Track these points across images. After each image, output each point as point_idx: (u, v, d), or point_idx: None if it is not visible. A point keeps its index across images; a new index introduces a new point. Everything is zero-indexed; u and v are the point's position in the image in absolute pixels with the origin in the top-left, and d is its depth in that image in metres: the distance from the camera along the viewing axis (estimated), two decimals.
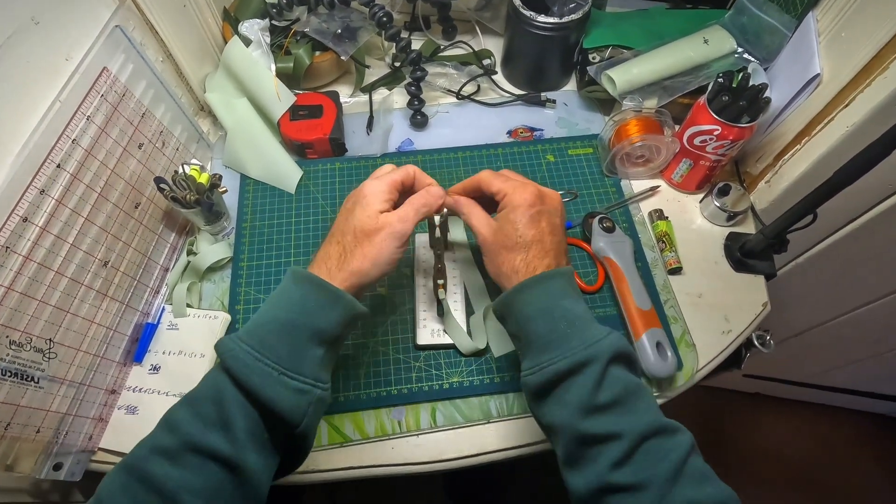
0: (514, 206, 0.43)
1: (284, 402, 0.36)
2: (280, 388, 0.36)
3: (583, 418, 0.35)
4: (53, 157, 0.45)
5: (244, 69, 0.66)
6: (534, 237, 0.42)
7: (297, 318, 0.38)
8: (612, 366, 0.37)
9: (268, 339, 0.37)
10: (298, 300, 0.39)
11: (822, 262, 0.71)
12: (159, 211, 0.59)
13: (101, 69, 0.50)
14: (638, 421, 0.35)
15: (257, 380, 0.35)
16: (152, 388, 0.54)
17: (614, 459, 0.34)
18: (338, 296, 0.39)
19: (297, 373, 0.37)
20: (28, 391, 0.43)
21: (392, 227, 0.41)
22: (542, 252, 0.42)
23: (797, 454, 1.31)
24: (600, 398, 0.35)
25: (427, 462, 0.52)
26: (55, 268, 0.45)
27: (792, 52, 0.61)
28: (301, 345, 0.38)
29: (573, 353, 0.37)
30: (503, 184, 0.44)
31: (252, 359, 0.36)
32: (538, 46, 0.71)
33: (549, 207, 0.44)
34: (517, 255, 0.42)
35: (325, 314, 0.39)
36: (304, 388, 0.37)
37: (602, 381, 0.36)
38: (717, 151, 0.60)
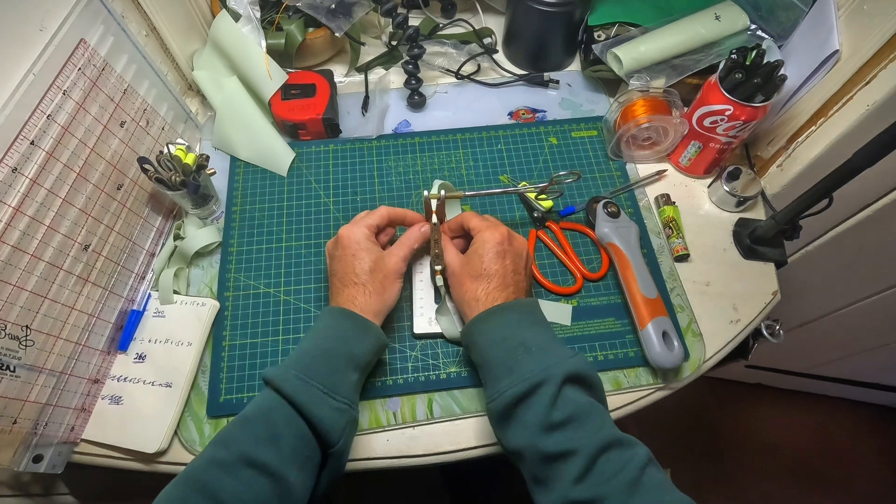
0: (484, 241, 0.48)
1: (327, 420, 0.40)
2: (324, 406, 0.40)
3: (542, 436, 0.38)
4: (27, 133, 0.42)
5: (233, 46, 0.63)
6: (496, 271, 0.46)
7: (336, 345, 0.44)
8: (566, 386, 0.39)
9: (312, 364, 0.42)
10: (336, 331, 0.45)
11: (834, 249, 0.69)
12: (144, 193, 0.57)
13: (78, 41, 0.47)
14: (593, 436, 0.37)
15: (305, 398, 0.40)
16: (137, 378, 0.52)
17: (574, 475, 0.36)
18: (369, 326, 0.46)
19: (338, 394, 0.42)
20: (3, 380, 0.41)
21: (398, 266, 0.49)
22: (503, 285, 0.46)
23: (798, 445, 1.30)
24: (555, 416, 0.38)
25: (423, 455, 0.50)
26: (31, 251, 0.43)
27: (808, 28, 0.58)
28: (340, 369, 0.43)
29: (530, 376, 0.40)
30: (479, 222, 0.50)
31: (300, 381, 0.41)
32: (541, 24, 0.68)
33: (516, 249, 0.49)
34: (479, 284, 0.46)
35: (359, 342, 0.45)
36: (343, 407, 0.41)
37: (556, 400, 0.38)
38: (727, 133, 0.57)
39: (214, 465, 0.37)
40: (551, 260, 0.59)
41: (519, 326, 0.44)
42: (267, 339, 0.54)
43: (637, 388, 0.53)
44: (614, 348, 0.54)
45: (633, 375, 0.53)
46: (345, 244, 0.49)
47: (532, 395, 0.39)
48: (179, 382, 0.51)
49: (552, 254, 0.59)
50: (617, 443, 0.37)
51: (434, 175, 0.65)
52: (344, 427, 0.41)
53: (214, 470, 0.37)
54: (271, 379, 0.41)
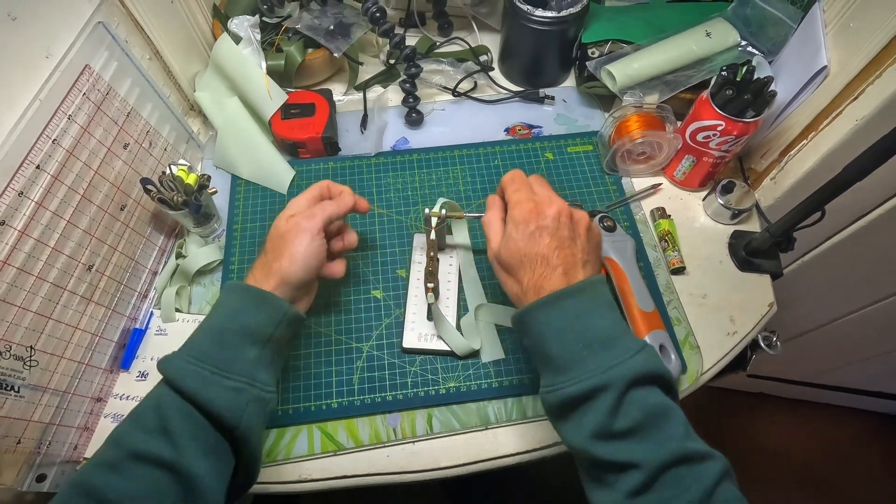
0: (514, 222, 0.41)
1: (220, 401, 0.37)
2: (214, 387, 0.37)
3: (597, 444, 0.34)
4: (32, 157, 0.43)
5: (234, 67, 0.64)
6: (537, 254, 0.40)
7: (225, 321, 0.41)
8: (632, 390, 0.35)
9: (201, 346, 0.40)
10: (227, 307, 0.42)
11: (829, 261, 0.70)
12: (147, 213, 0.58)
13: (83, 67, 0.48)
14: (658, 450, 0.33)
15: (192, 382, 0.37)
16: (140, 396, 0.52)
17: (632, 488, 0.32)
18: (263, 296, 0.42)
19: (231, 372, 0.39)
20: (8, 401, 0.42)
21: (299, 224, 0.45)
22: (549, 269, 0.40)
23: (801, 454, 1.29)
24: (616, 425, 0.34)
25: (423, 470, 0.50)
26: (36, 273, 0.44)
27: (798, 45, 0.59)
28: (232, 345, 0.40)
29: (586, 378, 0.35)
30: (512, 193, 0.43)
31: (186, 363, 0.38)
32: (536, 42, 0.69)
33: (551, 222, 0.40)
34: (522, 272, 0.40)
35: (252, 314, 0.41)
36: (238, 386, 0.38)
37: (619, 407, 0.34)
38: (720, 147, 0.58)
39: (102, 466, 0.35)
40: None
41: (578, 317, 0.38)
42: None
43: None
44: None
45: None
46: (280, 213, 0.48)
47: (591, 399, 0.35)
48: None
49: None
50: (687, 458, 0.33)
51: (432, 191, 0.66)
52: (244, 407, 0.38)
53: (101, 471, 0.34)
54: (160, 366, 0.39)
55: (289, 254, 0.44)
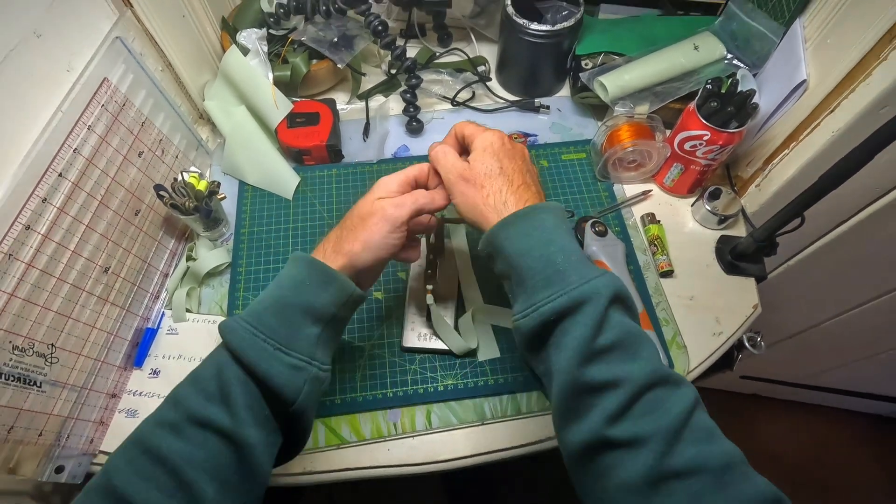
0: (487, 143, 0.42)
1: (280, 377, 0.36)
2: (276, 363, 0.36)
3: (581, 365, 0.33)
4: (55, 166, 0.46)
5: (242, 78, 0.67)
6: (513, 168, 0.41)
7: (290, 295, 0.39)
8: (612, 306, 0.34)
9: (264, 316, 0.38)
10: (293, 279, 0.40)
11: (812, 265, 0.72)
12: (159, 218, 0.61)
13: (101, 80, 0.51)
14: (640, 369, 0.32)
15: (254, 354, 0.36)
16: (152, 392, 0.55)
17: (611, 411, 0.31)
18: (330, 275, 0.40)
19: (292, 349, 0.37)
20: (31, 395, 0.44)
21: (384, 210, 0.42)
22: (525, 183, 0.40)
23: (795, 455, 1.31)
24: (600, 340, 0.33)
25: (423, 463, 0.53)
26: (57, 274, 0.46)
27: (780, 59, 0.62)
28: (296, 322, 0.38)
29: (572, 289, 0.34)
30: (474, 129, 0.44)
31: (249, 334, 0.37)
32: (532, 53, 0.72)
33: (518, 150, 0.43)
34: (498, 181, 0.40)
35: (317, 292, 0.39)
36: (299, 364, 0.37)
37: (603, 321, 0.33)
38: (707, 156, 0.61)
39: (161, 426, 0.35)
40: None
41: (556, 231, 0.37)
42: None
43: None
44: None
45: None
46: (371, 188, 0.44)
47: (575, 312, 0.34)
48: None
49: None
50: (664, 380, 0.32)
51: None
52: (301, 385, 0.37)
53: (162, 431, 0.35)
54: (222, 331, 0.38)
55: (364, 239, 0.41)
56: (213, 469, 0.34)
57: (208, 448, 0.34)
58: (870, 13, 0.48)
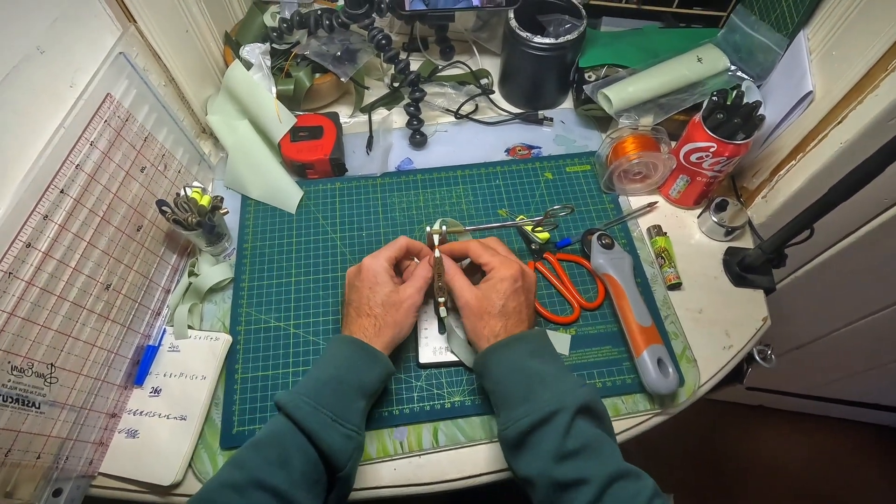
0: (502, 279, 0.49)
1: (336, 446, 0.42)
2: (333, 433, 0.42)
3: (555, 465, 0.39)
4: (57, 182, 0.45)
5: (245, 92, 0.67)
6: (514, 308, 0.49)
7: (345, 374, 0.46)
8: (578, 417, 0.41)
9: (322, 392, 0.44)
10: (346, 360, 0.47)
11: (820, 276, 0.72)
12: (161, 233, 0.60)
13: (104, 95, 0.51)
14: (603, 466, 0.39)
15: (316, 425, 0.42)
16: (153, 411, 0.54)
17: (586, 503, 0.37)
18: (378, 357, 0.48)
19: (347, 421, 0.44)
20: (29, 417, 0.43)
21: (413, 299, 0.51)
22: (520, 321, 0.49)
23: (801, 466, 1.30)
24: (568, 445, 0.40)
25: (430, 483, 0.51)
26: (57, 292, 0.45)
27: (784, 70, 0.62)
28: (349, 397, 0.45)
29: (545, 405, 0.42)
30: (491, 257, 0.51)
31: (311, 408, 0.43)
32: (535, 66, 0.72)
33: (528, 284, 0.51)
34: (499, 321, 0.48)
35: (368, 371, 0.47)
36: (351, 434, 0.43)
37: (569, 429, 0.40)
38: (713, 168, 0.60)
39: (228, 486, 0.39)
40: (549, 290, 0.62)
41: (532, 357, 0.46)
42: (278, 372, 0.56)
43: (635, 414, 0.54)
44: (612, 375, 0.56)
45: (631, 401, 0.55)
46: (365, 275, 0.51)
47: (547, 423, 0.41)
48: (194, 415, 0.53)
49: (550, 284, 0.62)
50: (626, 474, 0.39)
51: (436, 210, 0.68)
52: (351, 453, 0.43)
53: (227, 492, 0.39)
54: (284, 405, 0.43)
55: (401, 324, 0.50)
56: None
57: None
58: (876, 25, 0.49)
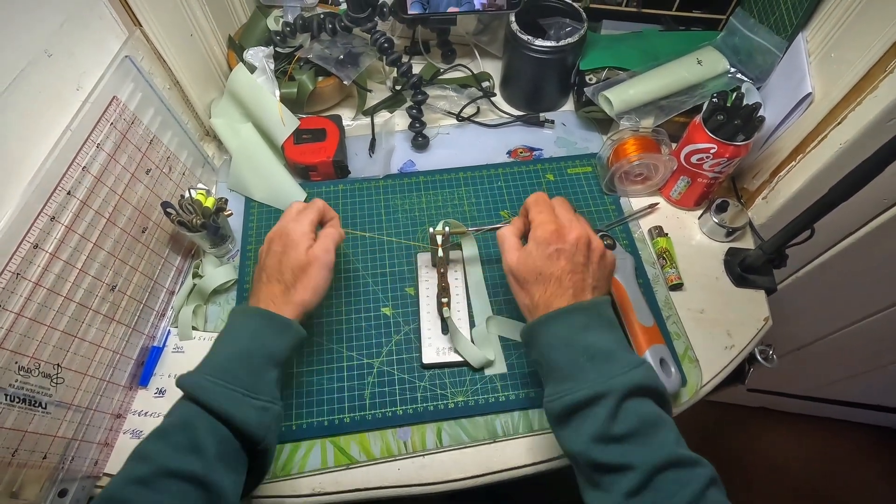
0: (536, 241, 0.45)
1: (251, 420, 0.41)
2: (247, 409, 0.41)
3: (596, 447, 0.37)
4: (64, 184, 0.46)
5: (249, 95, 0.67)
6: (552, 274, 0.43)
7: (252, 346, 0.44)
8: (629, 400, 0.38)
9: (230, 369, 0.43)
10: (252, 331, 0.45)
11: (821, 276, 0.72)
12: (165, 235, 0.60)
13: (111, 98, 0.51)
14: (652, 454, 0.36)
15: (227, 404, 0.40)
16: (158, 412, 0.54)
17: (628, 489, 0.35)
18: (287, 324, 0.46)
19: (259, 393, 0.42)
20: (35, 417, 0.43)
21: (321, 259, 0.48)
22: (560, 289, 0.43)
23: (802, 467, 1.30)
24: (614, 430, 0.37)
25: (433, 483, 0.52)
26: (64, 293, 0.46)
27: (784, 72, 0.63)
28: (258, 369, 0.44)
29: (589, 386, 0.38)
30: (536, 214, 0.47)
31: (220, 387, 0.41)
32: (536, 69, 0.73)
33: (569, 246, 0.44)
34: (536, 288, 0.44)
35: (276, 341, 0.45)
36: (266, 405, 0.42)
37: (616, 413, 0.37)
38: (713, 169, 0.61)
39: (132, 481, 0.36)
40: None
41: (583, 330, 0.41)
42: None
43: None
44: None
45: None
46: (280, 238, 0.49)
47: (591, 405, 0.38)
48: None
49: None
50: (678, 462, 0.36)
51: (438, 212, 0.68)
52: (269, 424, 0.42)
53: (132, 486, 0.36)
54: (190, 388, 0.41)
55: (313, 287, 0.48)
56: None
57: (181, 497, 0.36)
58: (874, 26, 0.49)
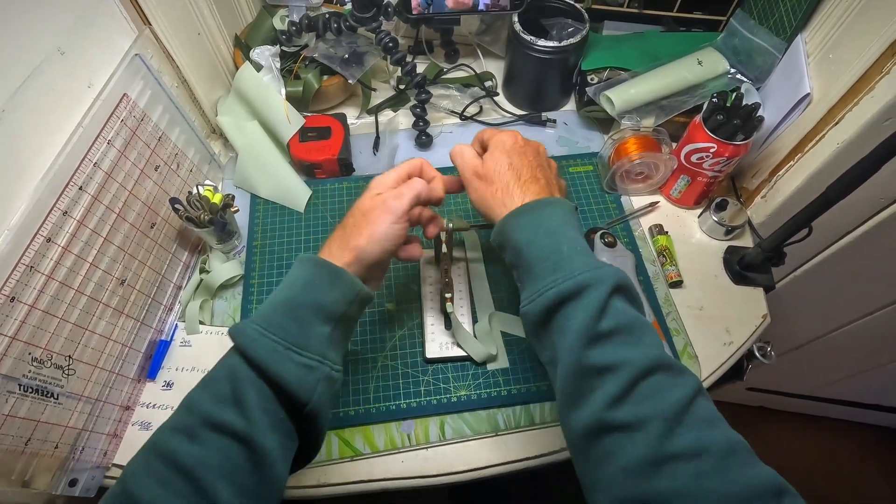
0: (501, 142, 0.45)
1: (292, 377, 0.36)
2: (287, 363, 0.36)
3: (583, 347, 0.34)
4: (76, 179, 0.46)
5: (255, 93, 0.68)
6: (523, 164, 0.43)
7: (299, 295, 0.40)
8: (615, 295, 0.36)
9: (273, 317, 0.38)
10: (301, 279, 0.41)
11: (820, 275, 0.73)
12: (173, 230, 0.61)
13: (121, 95, 0.52)
14: (640, 354, 0.33)
15: (265, 354, 0.36)
16: (165, 405, 0.55)
17: (612, 395, 0.32)
18: (338, 273, 0.41)
19: (304, 348, 0.37)
20: (48, 407, 0.44)
21: (385, 203, 0.43)
22: (533, 178, 0.42)
23: (802, 467, 1.30)
24: (602, 325, 0.34)
25: (436, 475, 0.52)
26: (75, 286, 0.47)
27: (783, 73, 0.64)
28: (306, 321, 0.39)
29: (577, 274, 0.36)
30: (492, 132, 0.47)
31: (259, 335, 0.37)
32: (538, 69, 0.74)
33: (532, 146, 0.45)
34: (508, 176, 0.42)
35: (326, 291, 0.40)
36: (311, 363, 0.37)
37: (605, 307, 0.35)
38: (713, 168, 0.62)
39: (178, 431, 0.35)
40: None
41: (564, 223, 0.39)
42: None
43: None
44: None
45: None
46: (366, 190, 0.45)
47: (578, 297, 0.35)
48: None
49: None
50: (666, 366, 0.33)
51: (441, 209, 0.69)
52: (315, 385, 0.37)
53: (177, 436, 0.34)
54: (233, 333, 0.38)
55: (368, 233, 0.42)
56: (229, 473, 0.33)
57: (224, 452, 0.34)
58: (871, 28, 0.50)
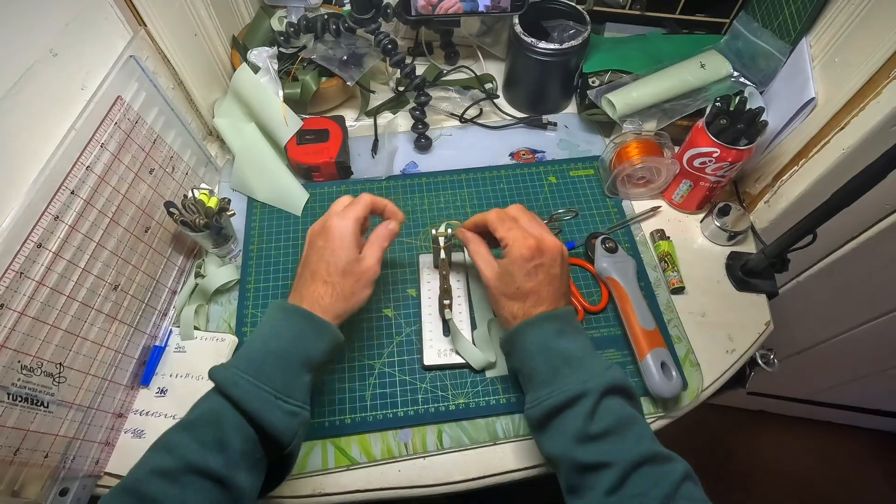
0: (514, 259, 0.47)
1: (281, 424, 0.40)
2: (277, 412, 0.40)
3: (577, 447, 0.39)
4: (68, 183, 0.46)
5: (253, 95, 0.67)
6: (531, 289, 0.46)
7: (290, 348, 0.43)
8: (605, 398, 0.40)
9: (264, 367, 0.41)
10: (292, 332, 0.44)
11: (823, 281, 0.72)
12: (168, 234, 0.60)
13: (115, 98, 0.51)
14: (629, 450, 0.38)
15: (257, 405, 0.39)
16: (159, 412, 0.54)
17: (607, 487, 0.36)
18: (327, 328, 0.45)
19: (290, 396, 0.41)
20: (38, 416, 0.44)
21: (373, 271, 0.48)
22: (538, 301, 0.46)
23: (803, 472, 1.30)
24: (593, 428, 0.39)
25: (434, 485, 0.52)
26: (67, 292, 0.46)
27: (787, 77, 0.63)
28: (294, 372, 0.43)
29: (568, 388, 0.41)
30: (507, 232, 0.48)
31: (251, 386, 0.40)
32: (539, 71, 0.73)
33: (548, 260, 0.47)
34: (515, 303, 0.47)
35: (316, 344, 0.44)
36: (295, 410, 0.41)
37: (595, 412, 0.40)
38: (716, 173, 0.61)
39: (157, 474, 0.36)
40: None
41: (558, 336, 0.44)
42: None
43: None
44: None
45: None
46: (331, 236, 0.47)
47: (571, 406, 0.41)
48: None
49: None
50: (653, 458, 0.38)
51: (441, 213, 0.68)
52: (297, 430, 0.41)
53: (157, 480, 0.36)
54: (221, 382, 0.40)
55: (358, 299, 0.47)
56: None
57: (204, 494, 0.36)
58: (878, 32, 0.49)
